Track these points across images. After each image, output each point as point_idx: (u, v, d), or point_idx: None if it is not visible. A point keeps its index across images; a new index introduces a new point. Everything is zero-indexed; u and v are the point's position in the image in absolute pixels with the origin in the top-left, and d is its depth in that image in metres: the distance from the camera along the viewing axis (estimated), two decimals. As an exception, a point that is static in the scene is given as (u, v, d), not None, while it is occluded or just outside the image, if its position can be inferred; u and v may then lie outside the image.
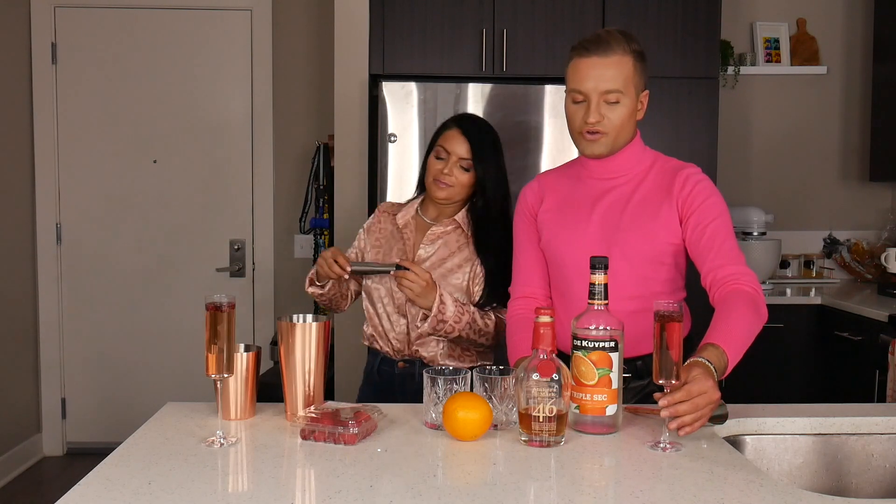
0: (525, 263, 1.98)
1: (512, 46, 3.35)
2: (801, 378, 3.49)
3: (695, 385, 1.44)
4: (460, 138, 2.11)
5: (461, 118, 2.19)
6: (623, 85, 1.77)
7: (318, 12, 4.15)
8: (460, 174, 2.11)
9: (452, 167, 2.10)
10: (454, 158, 2.10)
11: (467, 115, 2.30)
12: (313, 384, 1.63)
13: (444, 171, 2.10)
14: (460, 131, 2.12)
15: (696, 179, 1.82)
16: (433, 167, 2.14)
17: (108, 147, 4.16)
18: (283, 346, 1.62)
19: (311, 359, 1.63)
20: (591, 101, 1.78)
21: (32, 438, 4.11)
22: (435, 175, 2.12)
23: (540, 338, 1.47)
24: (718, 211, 1.79)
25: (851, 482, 1.64)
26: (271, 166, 4.18)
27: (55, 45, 4.10)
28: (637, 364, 1.86)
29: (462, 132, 2.12)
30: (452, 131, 2.13)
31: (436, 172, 2.12)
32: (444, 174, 2.10)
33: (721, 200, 1.82)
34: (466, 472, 1.37)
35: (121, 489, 1.25)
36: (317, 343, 1.62)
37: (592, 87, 1.77)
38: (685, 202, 1.80)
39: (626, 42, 1.79)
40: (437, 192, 2.12)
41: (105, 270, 4.19)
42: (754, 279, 1.72)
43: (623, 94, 1.77)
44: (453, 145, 2.11)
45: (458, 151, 2.10)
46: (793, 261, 4.04)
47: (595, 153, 1.83)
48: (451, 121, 2.18)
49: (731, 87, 3.99)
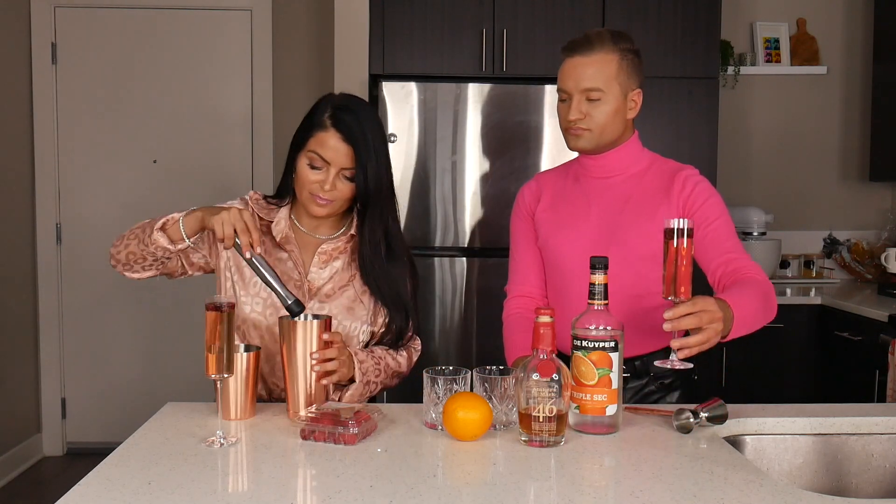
0: (522, 262, 1.99)
1: (512, 46, 3.35)
2: (801, 378, 3.49)
3: (700, 300, 1.47)
4: (340, 145, 1.69)
5: (336, 114, 1.70)
6: (604, 83, 1.79)
7: (318, 12, 4.15)
8: (344, 186, 1.72)
9: (334, 180, 1.71)
10: (334, 170, 1.70)
11: (343, 104, 1.73)
12: (315, 382, 1.63)
13: (324, 186, 1.70)
14: (340, 136, 1.68)
15: (696, 181, 1.84)
16: (307, 178, 1.71)
17: (108, 147, 4.16)
18: (285, 345, 1.62)
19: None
20: (572, 98, 1.81)
21: (32, 438, 4.11)
22: (311, 189, 1.71)
23: (540, 338, 1.47)
24: (719, 211, 1.82)
25: (851, 482, 1.64)
26: (271, 166, 4.18)
27: (55, 45, 4.10)
28: (636, 364, 1.86)
29: (342, 136, 1.68)
30: (328, 134, 1.69)
31: (313, 186, 1.71)
32: (324, 190, 1.70)
33: (720, 200, 1.84)
34: (466, 472, 1.37)
35: (121, 489, 1.24)
36: (318, 341, 1.62)
37: (573, 85, 1.81)
38: (686, 203, 1.81)
39: (613, 41, 1.81)
40: (315, 210, 1.74)
41: (105, 270, 4.17)
42: (763, 272, 1.75)
43: (605, 92, 1.80)
44: (332, 153, 1.69)
45: (340, 161, 1.69)
46: (793, 261, 4.04)
47: (578, 147, 1.86)
48: (326, 116, 1.70)
49: (731, 87, 3.99)
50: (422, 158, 3.31)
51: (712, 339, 1.49)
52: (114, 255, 1.75)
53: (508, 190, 3.25)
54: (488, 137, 3.31)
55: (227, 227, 1.59)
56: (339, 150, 1.69)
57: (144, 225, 1.72)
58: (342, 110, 1.71)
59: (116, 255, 1.74)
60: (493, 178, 3.32)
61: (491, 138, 3.31)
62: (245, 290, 1.78)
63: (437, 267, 3.32)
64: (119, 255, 1.74)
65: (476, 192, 3.32)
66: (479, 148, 3.32)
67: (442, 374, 1.57)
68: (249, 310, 1.78)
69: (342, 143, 1.69)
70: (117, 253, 1.74)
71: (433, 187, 3.31)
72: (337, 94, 1.80)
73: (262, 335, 1.78)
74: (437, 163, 3.31)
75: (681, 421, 1.54)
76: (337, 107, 1.72)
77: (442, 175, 3.31)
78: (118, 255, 1.74)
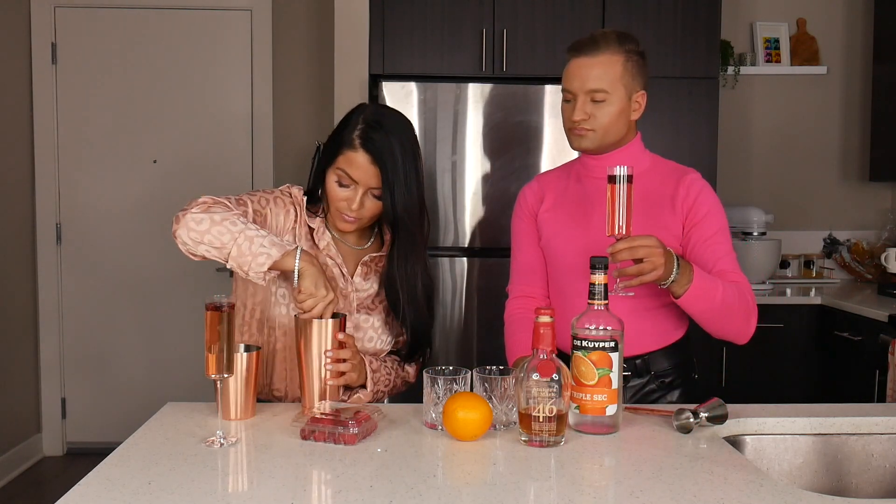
0: (524, 263, 1.99)
1: (512, 46, 3.35)
2: (801, 378, 3.49)
3: (640, 237, 1.60)
4: (368, 167, 1.67)
5: (366, 133, 1.67)
6: (609, 84, 1.80)
7: (318, 12, 4.15)
8: (372, 204, 1.71)
9: (363, 198, 1.70)
10: (362, 189, 1.69)
11: (374, 119, 1.70)
12: (328, 380, 1.65)
13: (351, 205, 1.70)
14: (369, 157, 1.67)
15: (700, 187, 1.86)
16: (336, 195, 1.71)
17: (107, 147, 4.16)
18: (302, 342, 1.64)
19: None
20: (577, 99, 1.82)
21: (32, 438, 4.11)
22: (339, 207, 1.71)
23: (540, 338, 1.47)
24: (718, 225, 1.84)
25: (851, 482, 1.64)
26: (271, 166, 4.18)
27: (55, 45, 4.10)
28: (636, 363, 1.86)
29: (371, 158, 1.67)
30: (357, 154, 1.67)
31: (340, 204, 1.71)
32: (351, 209, 1.71)
33: (721, 210, 1.87)
34: (466, 472, 1.37)
35: (121, 489, 1.24)
36: (333, 339, 1.64)
37: (578, 85, 1.81)
38: (689, 211, 1.83)
39: (619, 42, 1.81)
40: (342, 227, 1.75)
41: (105, 270, 4.19)
42: (751, 288, 1.81)
43: (609, 94, 1.80)
44: (360, 173, 1.68)
45: (368, 181, 1.68)
46: (793, 261, 4.04)
47: (582, 147, 1.87)
48: (356, 136, 1.68)
49: (731, 87, 3.99)
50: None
51: (650, 272, 1.61)
52: (183, 231, 1.62)
53: (508, 190, 3.25)
54: (488, 137, 3.31)
55: (318, 308, 1.61)
56: (367, 171, 1.68)
57: (239, 231, 1.61)
58: (373, 128, 1.68)
59: (188, 234, 1.62)
60: (493, 178, 3.32)
61: (491, 138, 3.31)
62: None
63: (437, 267, 3.32)
64: (190, 234, 1.62)
65: (476, 192, 3.32)
66: (479, 148, 3.32)
67: (442, 374, 1.57)
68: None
69: (371, 165, 1.67)
70: (189, 231, 1.62)
71: (433, 187, 3.31)
72: (370, 106, 1.77)
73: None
74: (437, 163, 3.31)
75: (681, 421, 1.54)
76: (368, 123, 1.69)
77: (442, 175, 3.31)
78: (188, 235, 1.62)
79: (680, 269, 1.65)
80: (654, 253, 1.60)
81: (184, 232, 1.62)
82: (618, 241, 1.60)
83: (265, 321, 1.80)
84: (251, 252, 1.59)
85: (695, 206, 1.83)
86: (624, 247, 1.59)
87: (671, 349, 1.89)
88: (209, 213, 1.62)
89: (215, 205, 1.64)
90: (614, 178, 1.61)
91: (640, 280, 1.62)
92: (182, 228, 1.62)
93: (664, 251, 1.62)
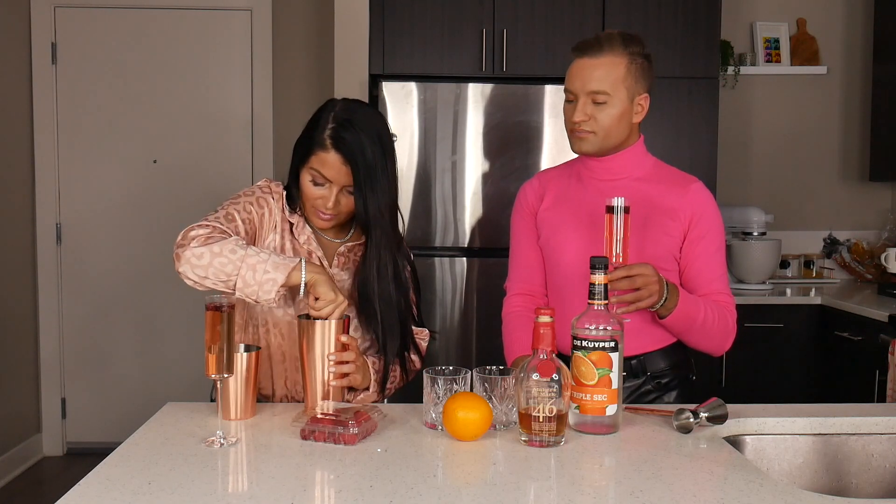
0: (523, 260, 1.99)
1: (512, 46, 3.35)
2: (801, 378, 3.49)
3: (637, 266, 1.65)
4: (340, 166, 1.68)
5: (337, 133, 1.68)
6: (611, 86, 1.79)
7: (318, 12, 4.15)
8: (347, 200, 1.73)
9: (338, 196, 1.72)
10: (337, 188, 1.71)
11: (345, 118, 1.71)
12: (330, 380, 1.65)
13: (327, 204, 1.72)
14: (340, 157, 1.68)
15: (704, 199, 1.87)
16: (312, 193, 1.73)
17: (108, 147, 4.16)
18: (305, 342, 1.64)
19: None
20: (578, 100, 1.82)
21: (32, 438, 4.11)
22: (315, 205, 1.73)
23: (540, 338, 1.47)
24: (718, 243, 1.87)
25: (851, 482, 1.64)
26: (271, 166, 4.18)
27: (55, 45, 4.10)
28: (632, 363, 1.87)
29: (342, 157, 1.68)
30: (329, 154, 1.68)
31: (316, 202, 1.73)
32: (327, 207, 1.72)
33: (721, 226, 1.89)
34: (466, 472, 1.37)
35: (121, 489, 1.24)
36: (336, 340, 1.64)
37: (580, 86, 1.81)
38: (692, 223, 1.84)
39: (623, 44, 1.80)
40: (319, 224, 1.78)
41: (105, 270, 4.19)
42: (735, 311, 1.87)
43: (611, 96, 1.80)
44: (333, 173, 1.69)
45: (341, 180, 1.70)
46: (793, 261, 4.04)
47: (583, 150, 1.86)
48: (327, 136, 1.69)
49: (731, 87, 3.99)
50: (422, 158, 3.31)
51: (646, 299, 1.67)
52: (186, 267, 1.61)
53: (508, 190, 3.24)
54: (488, 137, 3.31)
55: (336, 312, 1.63)
56: (340, 171, 1.69)
57: (240, 259, 1.59)
58: (344, 127, 1.69)
59: (191, 270, 1.61)
60: (493, 178, 3.32)
61: (491, 138, 3.31)
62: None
63: (437, 267, 3.32)
64: (194, 270, 1.60)
65: (476, 192, 3.32)
66: (479, 148, 3.32)
67: (442, 374, 1.57)
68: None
69: (343, 165, 1.68)
70: (192, 268, 1.60)
71: (433, 187, 3.31)
72: (340, 101, 1.77)
73: None
74: (437, 163, 3.31)
75: (681, 421, 1.54)
76: (339, 122, 1.70)
77: (442, 175, 3.31)
78: (192, 272, 1.61)
79: (669, 294, 1.72)
80: (651, 282, 1.66)
81: (187, 269, 1.61)
82: (616, 269, 1.64)
83: (249, 320, 1.80)
84: (256, 281, 1.59)
85: (699, 220, 1.84)
86: (623, 275, 1.64)
87: (667, 350, 1.89)
88: (208, 246, 1.60)
89: (211, 233, 1.63)
90: (612, 208, 1.66)
91: (636, 307, 1.69)
92: (185, 265, 1.61)
93: (659, 279, 1.68)
